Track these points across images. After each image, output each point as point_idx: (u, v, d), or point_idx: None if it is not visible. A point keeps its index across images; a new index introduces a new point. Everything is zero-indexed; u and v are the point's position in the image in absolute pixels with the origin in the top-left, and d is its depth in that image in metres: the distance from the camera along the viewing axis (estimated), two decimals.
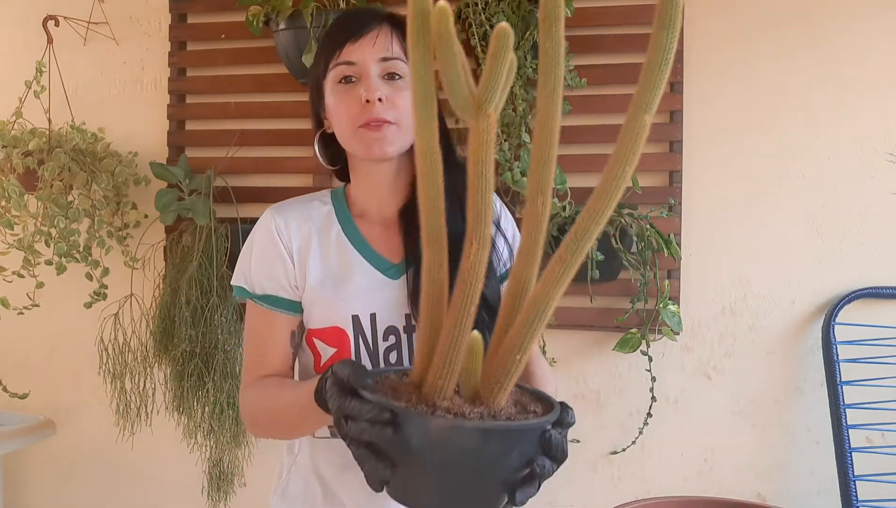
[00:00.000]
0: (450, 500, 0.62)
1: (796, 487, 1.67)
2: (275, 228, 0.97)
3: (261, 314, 0.98)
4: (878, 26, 1.62)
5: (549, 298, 0.58)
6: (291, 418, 0.88)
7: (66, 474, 1.97)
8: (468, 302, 0.60)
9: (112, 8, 1.89)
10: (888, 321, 1.62)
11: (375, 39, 0.93)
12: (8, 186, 1.60)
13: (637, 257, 1.58)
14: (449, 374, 0.62)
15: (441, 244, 0.63)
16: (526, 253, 0.62)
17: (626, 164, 0.55)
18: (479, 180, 0.59)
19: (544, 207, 0.60)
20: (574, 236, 0.57)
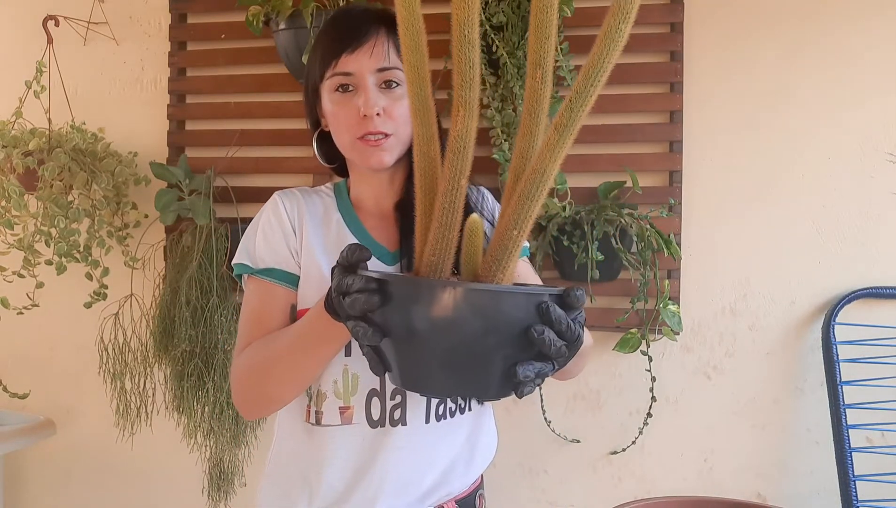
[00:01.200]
0: (447, 373, 0.60)
1: (796, 487, 1.67)
2: (281, 205, 1.00)
3: (261, 287, 0.97)
4: (878, 26, 1.62)
5: (547, 167, 0.56)
6: (294, 354, 0.87)
7: (66, 474, 1.97)
8: (459, 173, 0.59)
9: (112, 8, 1.89)
10: (888, 321, 1.62)
11: (372, 49, 0.94)
12: (8, 186, 1.60)
13: (637, 257, 1.58)
14: (444, 250, 0.61)
15: (430, 117, 0.61)
16: (527, 128, 0.60)
17: (622, 21, 0.53)
18: (462, 44, 0.57)
19: (544, 81, 0.58)
20: (570, 102, 0.56)
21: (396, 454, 0.95)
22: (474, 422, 1.02)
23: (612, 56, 0.54)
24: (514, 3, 1.55)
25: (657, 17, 1.67)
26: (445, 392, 0.65)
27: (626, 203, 1.62)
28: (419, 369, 0.62)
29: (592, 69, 0.54)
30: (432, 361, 0.60)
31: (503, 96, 1.58)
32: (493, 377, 0.60)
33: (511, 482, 1.75)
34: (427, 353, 0.60)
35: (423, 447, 0.97)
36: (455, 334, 0.58)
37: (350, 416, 0.95)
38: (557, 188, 1.60)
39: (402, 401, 0.95)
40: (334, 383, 0.95)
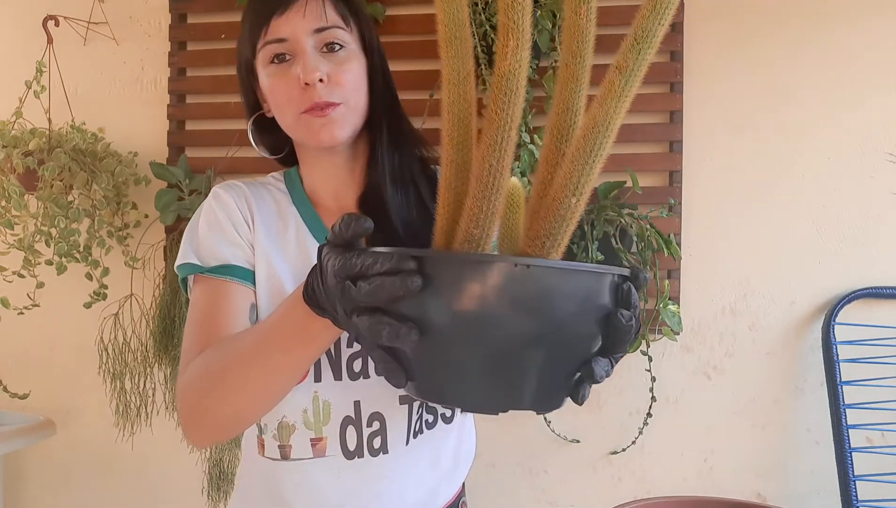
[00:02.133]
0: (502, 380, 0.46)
1: (796, 487, 1.67)
2: (228, 197, 0.86)
3: (214, 287, 0.81)
4: (878, 26, 1.62)
5: (610, 117, 0.46)
6: (261, 358, 0.68)
7: (66, 474, 1.97)
8: (508, 121, 0.46)
9: (112, 8, 1.89)
10: (888, 321, 1.62)
11: (305, 8, 0.81)
12: (8, 186, 1.60)
13: (637, 257, 1.58)
14: (487, 220, 0.47)
15: (466, 50, 0.48)
16: (570, 75, 0.48)
17: None
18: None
19: (588, 17, 0.48)
20: (635, 40, 0.46)
21: (377, 485, 0.84)
22: (459, 430, 0.92)
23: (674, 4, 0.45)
24: None
25: None
26: (496, 406, 0.47)
27: (626, 203, 1.62)
28: (462, 377, 0.47)
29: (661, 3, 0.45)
30: (483, 365, 0.46)
31: None
32: (562, 381, 0.48)
33: (511, 482, 1.75)
34: (478, 355, 0.46)
35: (406, 470, 0.85)
36: (523, 326, 0.44)
37: (323, 448, 0.83)
38: None
39: (382, 427, 0.83)
40: (304, 412, 0.83)
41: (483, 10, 1.56)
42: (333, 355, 0.83)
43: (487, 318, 0.44)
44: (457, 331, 0.45)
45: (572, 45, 0.48)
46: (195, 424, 0.74)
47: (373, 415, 0.84)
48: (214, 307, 0.80)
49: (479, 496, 1.66)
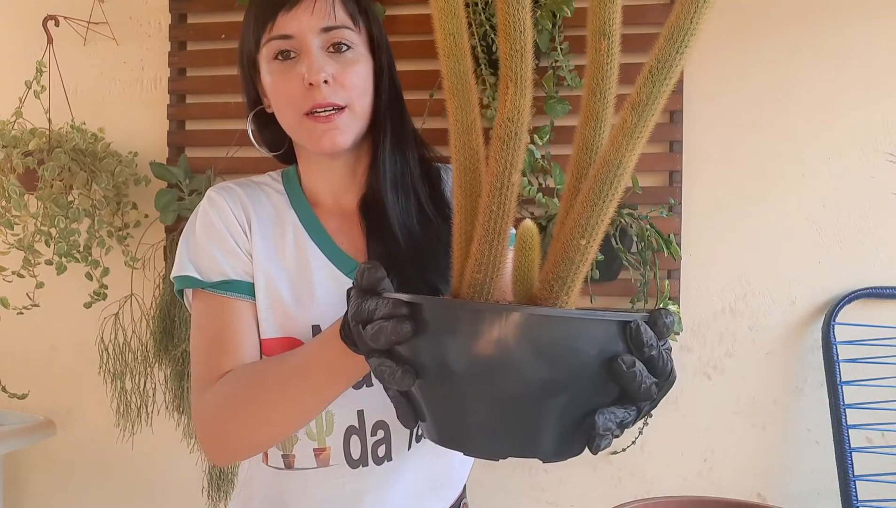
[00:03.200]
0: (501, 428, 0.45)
1: (796, 487, 1.67)
2: (224, 202, 0.83)
3: (219, 305, 0.79)
4: (878, 26, 1.62)
5: (623, 156, 0.44)
6: (293, 394, 0.69)
7: (66, 474, 1.97)
8: (509, 166, 0.46)
9: (112, 8, 1.89)
10: (888, 321, 1.62)
11: (314, 5, 0.78)
12: (8, 186, 1.60)
13: (637, 257, 1.58)
14: (491, 265, 0.47)
15: (471, 100, 0.49)
16: (591, 112, 0.48)
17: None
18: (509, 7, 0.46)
19: (610, 52, 0.46)
20: (650, 72, 0.44)
21: (380, 492, 0.82)
22: None
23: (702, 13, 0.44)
24: None
25: (657, 17, 1.67)
26: (498, 453, 0.46)
27: (626, 203, 1.62)
28: (463, 422, 0.47)
29: (678, 30, 0.43)
30: (481, 412, 0.46)
31: None
32: (563, 432, 0.46)
33: (511, 482, 1.75)
34: (474, 401, 0.46)
35: (409, 475, 0.84)
36: (513, 375, 0.44)
37: (327, 458, 0.82)
38: (557, 188, 1.60)
39: (386, 435, 0.82)
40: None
41: (483, 10, 1.56)
42: None
43: (477, 366, 0.44)
44: (448, 377, 0.45)
45: (593, 81, 0.48)
46: (217, 447, 0.75)
47: (377, 423, 0.82)
48: (223, 329, 0.78)
49: (480, 496, 1.66)
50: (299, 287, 0.81)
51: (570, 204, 0.47)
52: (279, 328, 0.80)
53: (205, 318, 0.80)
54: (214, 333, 0.79)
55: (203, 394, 0.76)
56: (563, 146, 1.66)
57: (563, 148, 1.66)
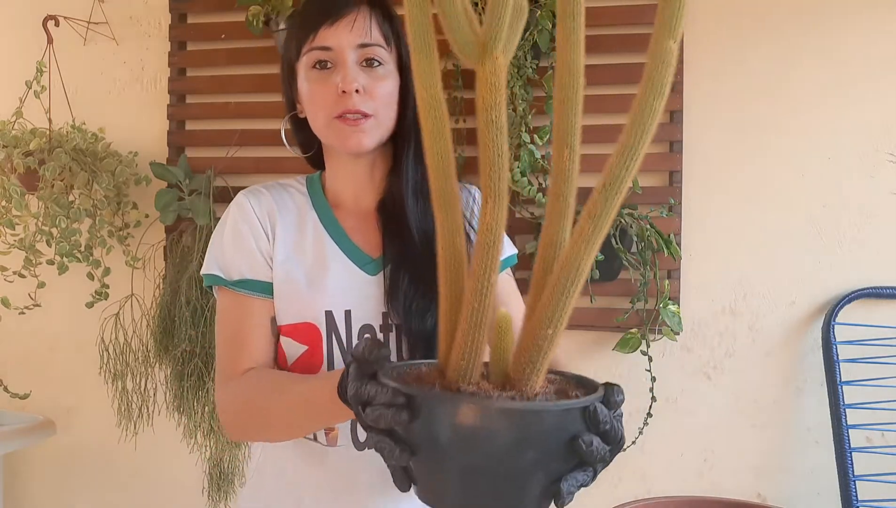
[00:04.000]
0: (479, 499, 0.54)
1: (796, 487, 1.67)
2: (250, 207, 0.92)
3: (237, 301, 0.90)
4: (878, 26, 1.62)
5: (581, 259, 0.51)
6: (296, 417, 0.80)
7: (66, 474, 1.97)
8: (488, 269, 0.54)
9: (112, 8, 1.89)
10: (888, 321, 1.62)
11: (353, 23, 0.88)
12: (9, 186, 1.60)
13: (637, 257, 1.58)
14: (473, 353, 0.55)
15: (455, 208, 0.57)
16: (555, 214, 0.55)
17: (657, 97, 0.49)
18: (489, 129, 0.53)
19: (572, 160, 0.53)
20: (604, 188, 0.50)
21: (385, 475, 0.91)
22: None
23: (646, 137, 0.51)
24: None
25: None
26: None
27: (626, 203, 1.61)
28: (447, 489, 0.56)
29: (626, 153, 0.51)
30: (464, 481, 0.54)
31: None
32: (532, 496, 0.55)
33: None
34: (458, 473, 0.54)
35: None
36: (493, 456, 0.52)
37: (335, 438, 0.90)
38: None
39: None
40: None
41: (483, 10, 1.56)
42: (346, 346, 0.89)
43: (463, 448, 0.53)
44: (439, 455, 0.55)
45: (556, 186, 0.54)
46: (236, 432, 0.89)
47: None
48: (241, 324, 0.89)
49: None
50: (315, 276, 0.90)
51: (538, 295, 0.55)
52: (296, 314, 0.89)
53: (225, 313, 0.91)
54: (233, 328, 0.90)
55: (226, 386, 0.87)
56: None
57: None
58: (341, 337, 0.89)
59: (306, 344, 0.89)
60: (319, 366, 0.89)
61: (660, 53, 0.49)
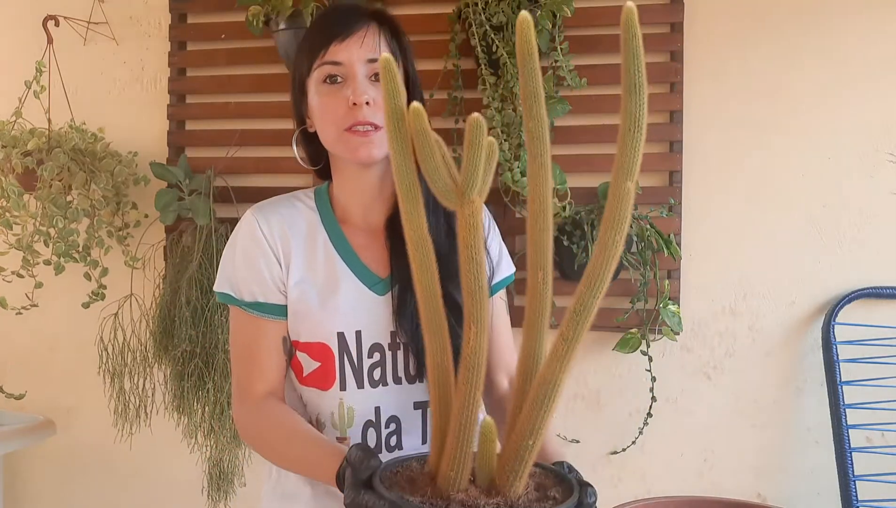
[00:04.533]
0: None
1: (796, 487, 1.67)
2: (259, 228, 0.94)
3: (250, 322, 0.94)
4: (878, 26, 1.62)
5: (557, 377, 0.59)
6: (301, 470, 0.90)
7: (66, 474, 1.97)
8: (473, 388, 0.61)
9: (112, 8, 1.89)
10: (888, 321, 1.62)
11: (363, 39, 0.91)
12: (7, 186, 1.60)
13: (637, 257, 1.58)
14: (461, 464, 0.61)
15: (442, 331, 0.63)
16: (532, 329, 0.62)
17: (617, 232, 0.56)
18: (470, 264, 0.60)
19: (545, 282, 0.61)
20: (574, 313, 0.57)
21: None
22: None
23: (610, 266, 0.56)
24: (514, 3, 1.55)
25: (657, 17, 1.67)
26: None
27: None
28: None
29: (593, 283, 0.56)
30: None
31: (503, 96, 1.58)
32: None
33: None
34: None
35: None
36: None
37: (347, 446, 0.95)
38: (557, 188, 1.60)
39: (398, 428, 0.96)
40: (331, 415, 0.95)
41: (483, 10, 1.56)
42: (356, 364, 0.94)
43: None
44: None
45: (533, 303, 0.61)
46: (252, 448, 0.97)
47: (391, 418, 0.95)
48: (254, 345, 0.94)
49: None
50: (326, 297, 0.93)
51: (519, 407, 0.62)
52: (310, 334, 0.94)
53: (239, 333, 0.96)
54: (247, 348, 0.95)
55: (242, 406, 0.94)
56: (563, 146, 1.66)
57: (562, 148, 1.66)
58: (353, 357, 0.93)
59: (319, 361, 0.94)
60: (333, 382, 0.94)
61: (619, 193, 0.55)
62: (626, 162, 0.55)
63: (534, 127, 0.59)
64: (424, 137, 0.58)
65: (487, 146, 0.57)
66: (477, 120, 0.56)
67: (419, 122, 0.58)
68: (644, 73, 0.56)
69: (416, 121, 0.58)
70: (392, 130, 0.60)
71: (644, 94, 0.56)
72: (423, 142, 0.58)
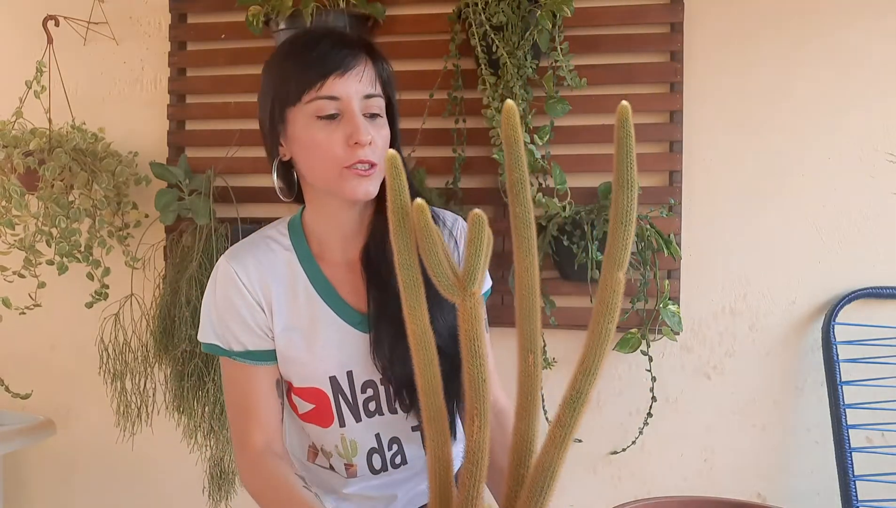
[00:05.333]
0: None
1: (796, 487, 1.67)
2: (238, 278, 0.92)
3: (241, 371, 0.94)
4: (878, 26, 1.62)
5: (555, 464, 0.60)
6: None
7: (66, 474, 1.97)
8: (476, 481, 0.61)
9: (112, 8, 1.89)
10: (888, 321, 1.62)
11: (362, 75, 0.88)
12: (9, 186, 1.60)
13: (637, 257, 1.58)
14: None
15: (443, 423, 0.64)
16: (524, 411, 0.63)
17: (609, 320, 0.57)
18: (472, 358, 0.61)
19: (535, 365, 0.62)
20: (569, 399, 0.58)
21: (401, 486, 1.03)
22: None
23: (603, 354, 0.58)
24: (514, 3, 1.55)
25: (657, 17, 1.67)
26: None
27: None
28: None
29: (586, 371, 0.58)
30: None
31: (503, 96, 1.58)
32: None
33: None
34: None
35: (422, 474, 1.03)
36: None
37: (355, 472, 1.01)
38: (557, 188, 1.60)
39: (400, 448, 1.00)
40: (335, 446, 0.99)
41: (483, 10, 1.56)
42: (351, 401, 0.96)
43: None
44: None
45: (525, 387, 0.61)
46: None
47: (392, 440, 1.00)
48: (249, 393, 0.94)
49: None
50: (312, 341, 0.94)
51: (514, 491, 0.63)
52: (302, 380, 0.95)
53: (231, 383, 0.96)
54: (242, 398, 0.94)
55: (243, 458, 0.94)
56: (563, 146, 1.66)
57: (562, 148, 1.66)
58: (347, 396, 0.95)
59: (314, 404, 0.96)
60: (331, 421, 0.97)
61: (610, 283, 0.57)
62: (617, 253, 0.57)
63: (521, 212, 0.60)
64: (427, 232, 0.59)
65: (486, 240, 0.58)
66: (478, 216, 0.57)
67: (422, 217, 0.59)
68: (635, 169, 0.56)
69: (420, 217, 0.59)
70: (396, 226, 0.60)
71: (635, 190, 0.56)
72: (426, 237, 0.59)
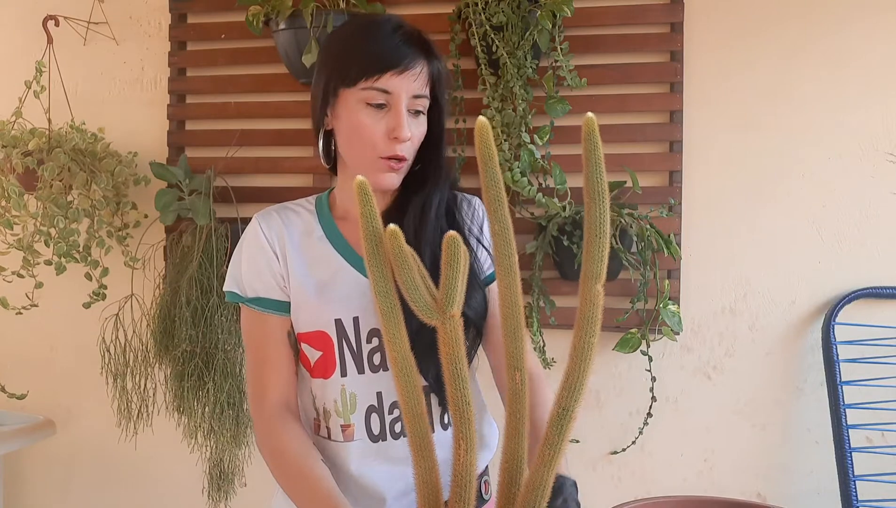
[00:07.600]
0: None
1: (796, 487, 1.67)
2: (261, 231, 0.99)
3: (255, 318, 0.99)
4: (878, 25, 1.62)
5: (545, 481, 0.60)
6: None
7: (66, 474, 1.97)
8: (465, 505, 0.62)
9: (112, 8, 1.89)
10: (888, 321, 1.62)
11: (417, 76, 0.92)
12: (8, 186, 1.60)
13: (637, 257, 1.58)
14: None
15: (431, 453, 0.65)
16: (513, 429, 0.63)
17: (591, 334, 0.57)
18: (455, 380, 0.61)
19: (522, 382, 0.62)
20: (556, 417, 0.59)
21: (399, 466, 0.97)
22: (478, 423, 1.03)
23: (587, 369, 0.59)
24: (514, 3, 1.55)
25: (657, 17, 1.67)
26: None
27: (626, 203, 1.62)
28: None
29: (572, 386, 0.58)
30: None
31: (503, 96, 1.58)
32: None
33: None
34: None
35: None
36: None
37: (351, 433, 0.97)
38: (557, 188, 1.60)
39: (401, 415, 0.97)
40: (335, 402, 0.97)
41: (483, 10, 1.56)
42: (356, 349, 0.96)
43: None
44: None
45: (512, 405, 0.62)
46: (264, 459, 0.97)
47: (393, 403, 0.97)
48: (263, 344, 0.98)
49: None
50: (323, 287, 0.97)
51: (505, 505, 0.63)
52: (310, 323, 0.97)
53: (248, 331, 1.00)
54: (257, 347, 0.99)
55: (259, 417, 0.97)
56: (563, 146, 1.66)
57: (562, 148, 1.66)
58: (351, 343, 0.96)
59: (321, 350, 0.97)
60: (333, 369, 0.97)
61: (589, 296, 0.58)
62: (593, 267, 0.57)
63: (500, 230, 0.60)
64: (402, 257, 0.59)
65: (462, 263, 0.59)
66: (453, 238, 0.58)
67: (396, 243, 0.59)
68: (605, 181, 0.58)
69: (393, 242, 0.59)
70: (370, 253, 0.61)
71: (607, 201, 0.57)
72: (400, 262, 0.59)
